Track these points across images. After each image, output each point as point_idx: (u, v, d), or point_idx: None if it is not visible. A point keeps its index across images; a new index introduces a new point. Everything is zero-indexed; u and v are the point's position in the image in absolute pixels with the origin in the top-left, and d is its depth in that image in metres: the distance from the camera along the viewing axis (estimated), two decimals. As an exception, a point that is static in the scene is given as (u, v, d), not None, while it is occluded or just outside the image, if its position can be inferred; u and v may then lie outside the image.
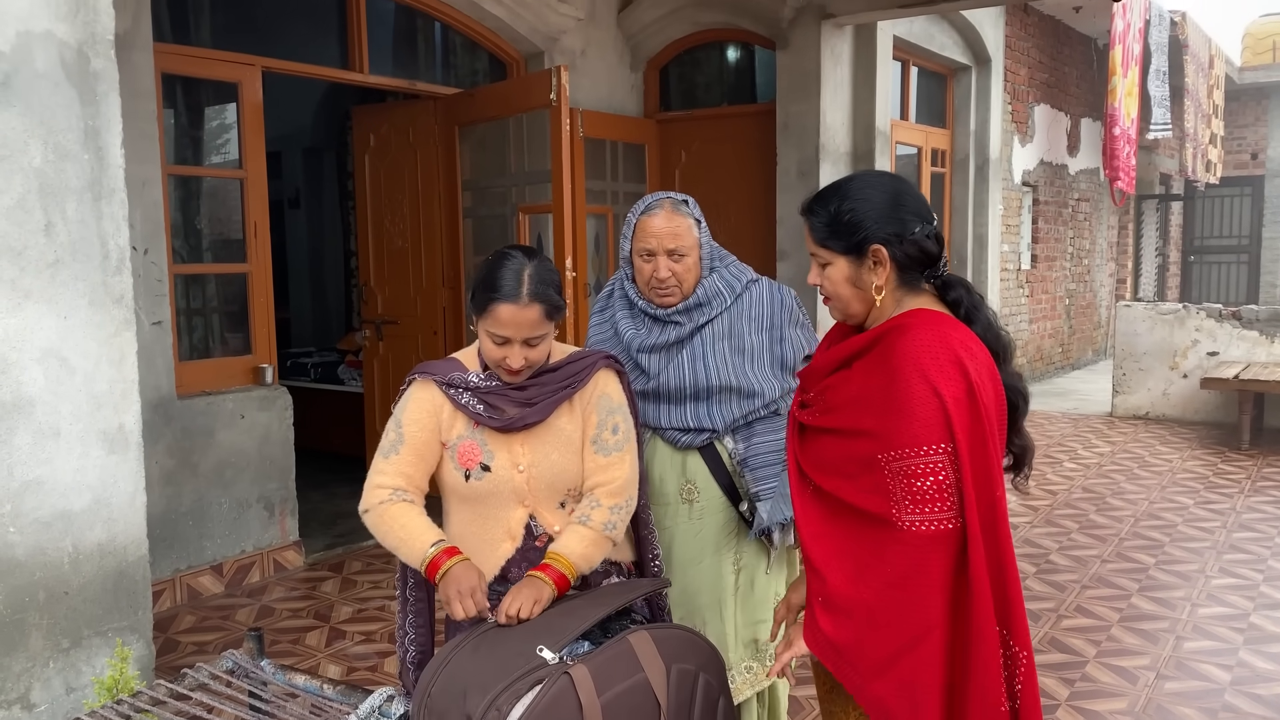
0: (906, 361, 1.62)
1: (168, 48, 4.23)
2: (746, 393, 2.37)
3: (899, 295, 1.73)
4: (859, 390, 1.70)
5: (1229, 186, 15.53)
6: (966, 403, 1.61)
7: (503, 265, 1.99)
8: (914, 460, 1.60)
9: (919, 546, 1.60)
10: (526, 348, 1.98)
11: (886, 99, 6.37)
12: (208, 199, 4.85)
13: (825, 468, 1.74)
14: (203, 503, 4.35)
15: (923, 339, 1.64)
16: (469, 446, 2.03)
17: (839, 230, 1.73)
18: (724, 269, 2.46)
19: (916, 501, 1.60)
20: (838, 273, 1.75)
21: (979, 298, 1.77)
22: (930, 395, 1.60)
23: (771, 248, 6.11)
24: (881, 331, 1.70)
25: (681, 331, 2.38)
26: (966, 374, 1.62)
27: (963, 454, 1.59)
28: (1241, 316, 7.98)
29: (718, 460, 2.41)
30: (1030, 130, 9.26)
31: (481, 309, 1.98)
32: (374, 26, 5.11)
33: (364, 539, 5.18)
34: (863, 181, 1.77)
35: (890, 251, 1.70)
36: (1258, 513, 5.54)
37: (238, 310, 4.76)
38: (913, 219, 1.71)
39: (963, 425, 1.60)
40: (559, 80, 4.72)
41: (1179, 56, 10.36)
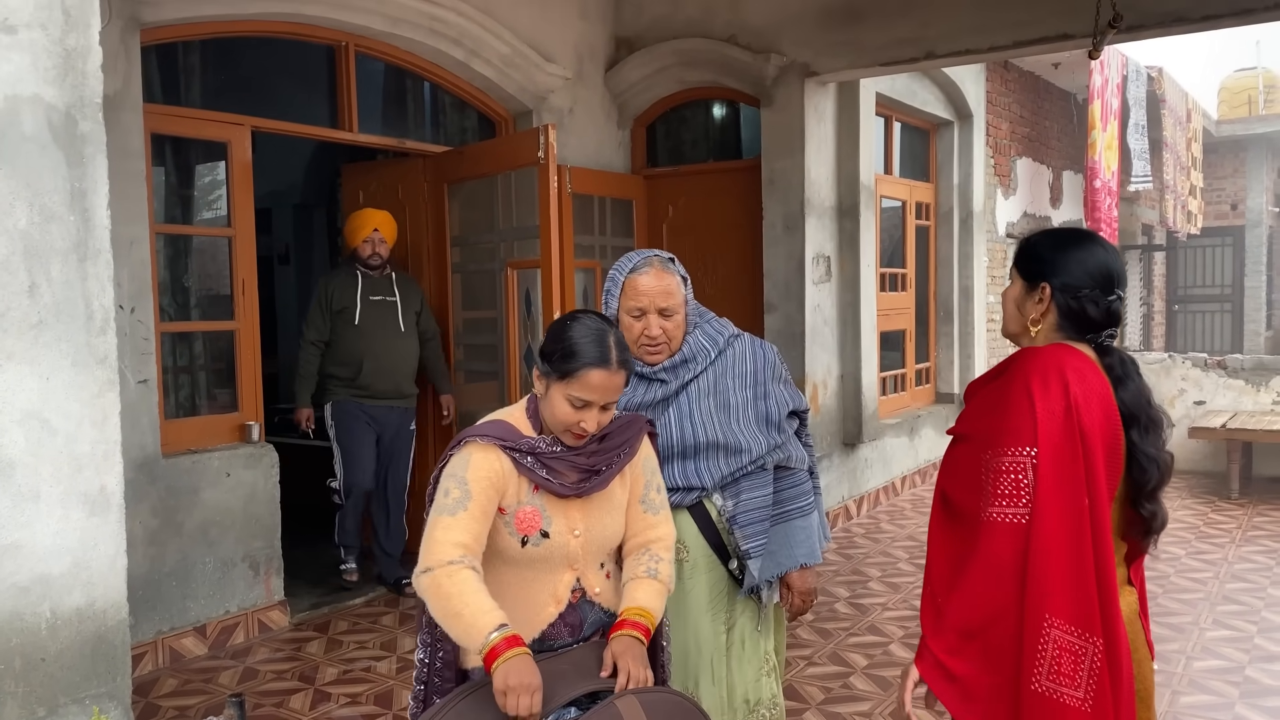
0: (1019, 373, 1.82)
1: (158, 108, 4.27)
2: (733, 449, 2.37)
3: (1055, 339, 1.90)
4: (983, 400, 1.91)
5: (1210, 236, 15.71)
6: (1061, 417, 1.75)
7: (587, 330, 1.98)
8: (1001, 458, 1.78)
9: (995, 536, 1.76)
10: (602, 413, 1.99)
11: (870, 154, 6.45)
12: (196, 256, 4.86)
13: (957, 476, 1.92)
14: (186, 563, 4.30)
15: (1040, 357, 1.83)
16: (530, 513, 2.00)
17: (1023, 254, 1.96)
18: (705, 325, 2.47)
19: (997, 496, 1.77)
20: (1012, 290, 1.97)
21: (1135, 368, 1.90)
22: (1026, 403, 1.77)
23: (759, 300, 6.14)
24: (1018, 354, 1.91)
25: (668, 390, 2.39)
26: (1069, 394, 1.77)
27: (1043, 460, 1.74)
28: (1227, 366, 8.03)
29: (706, 518, 2.40)
30: (1013, 183, 9.38)
31: (568, 373, 1.95)
32: (363, 86, 5.17)
33: (350, 597, 5.12)
34: (1069, 231, 1.96)
35: (1054, 294, 1.88)
36: (1249, 563, 5.53)
37: (225, 367, 4.74)
38: (1088, 280, 1.87)
39: (1048, 436, 1.74)
40: (546, 139, 4.77)
41: (1157, 111, 10.55)
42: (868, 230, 6.44)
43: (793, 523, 2.45)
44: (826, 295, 6.22)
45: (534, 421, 2.06)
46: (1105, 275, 1.87)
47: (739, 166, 6.30)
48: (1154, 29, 4.77)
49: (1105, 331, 1.88)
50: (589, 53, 6.20)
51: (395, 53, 5.23)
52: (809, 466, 2.52)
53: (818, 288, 6.10)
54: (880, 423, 6.95)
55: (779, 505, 2.44)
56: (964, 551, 1.81)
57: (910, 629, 4.58)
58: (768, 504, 2.41)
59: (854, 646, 4.38)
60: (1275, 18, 4.67)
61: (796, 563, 2.44)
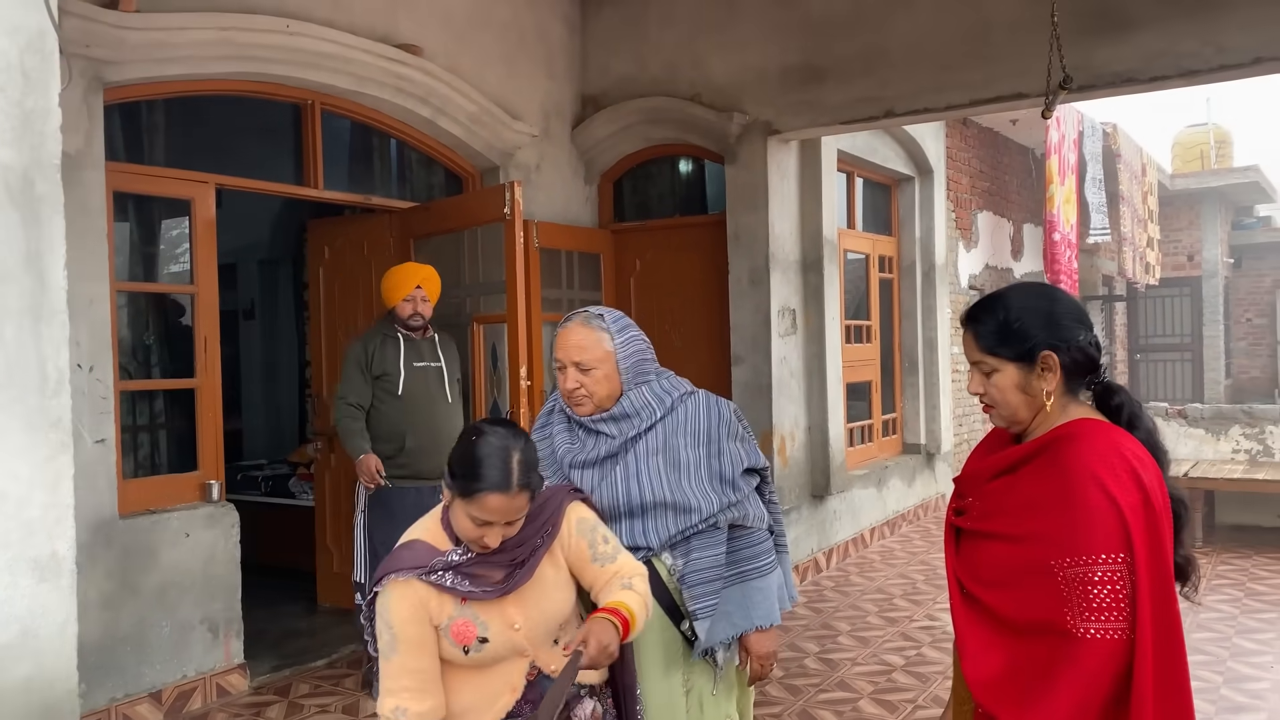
0: (1081, 468, 1.64)
1: (120, 166, 4.26)
2: (682, 508, 2.34)
3: (1064, 401, 1.77)
4: (1029, 495, 1.70)
5: (1169, 287, 16.03)
6: (1143, 512, 1.62)
7: (491, 449, 1.94)
8: (1092, 568, 1.60)
9: (1097, 655, 1.60)
10: (507, 527, 1.97)
11: (833, 209, 6.55)
12: (158, 313, 4.82)
13: (987, 578, 1.74)
14: (143, 626, 4.19)
15: (1098, 446, 1.67)
16: (462, 625, 1.98)
17: (1010, 337, 1.76)
18: (657, 382, 2.46)
19: (1094, 610, 1.60)
20: (1006, 380, 1.77)
21: (1139, 404, 1.81)
22: (1107, 503, 1.61)
23: (726, 353, 6.17)
24: (1050, 439, 1.72)
25: (613, 445, 2.38)
26: (1141, 483, 1.63)
27: (1140, 564, 1.59)
28: (1187, 415, 8.14)
29: (656, 578, 2.34)
30: (974, 236, 9.54)
31: (466, 494, 1.93)
32: (329, 143, 5.19)
33: (312, 659, 5.02)
34: (1025, 290, 1.82)
35: (1060, 358, 1.74)
36: (1215, 612, 5.56)
37: (186, 426, 4.68)
38: (1078, 326, 1.77)
39: (1140, 535, 1.60)
40: (513, 195, 4.81)
41: (1113, 165, 10.81)
42: (832, 283, 6.52)
43: (750, 583, 2.41)
44: (793, 348, 6.27)
45: (449, 531, 2.04)
46: (1083, 313, 1.81)
47: (705, 221, 6.37)
48: (1104, 89, 4.91)
49: (1102, 368, 1.80)
50: (556, 110, 6.27)
51: (362, 111, 5.27)
52: (770, 525, 2.48)
53: (784, 340, 6.14)
54: (848, 474, 6.96)
55: (735, 565, 2.40)
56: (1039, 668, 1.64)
57: (879, 684, 4.55)
58: (720, 563, 2.37)
59: (823, 703, 4.34)
60: (1220, 79, 4.82)
61: (752, 624, 2.39)
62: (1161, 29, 4.71)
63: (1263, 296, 19.22)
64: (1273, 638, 5.07)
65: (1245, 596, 5.86)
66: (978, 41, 5.17)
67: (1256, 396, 17.56)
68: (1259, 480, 7.09)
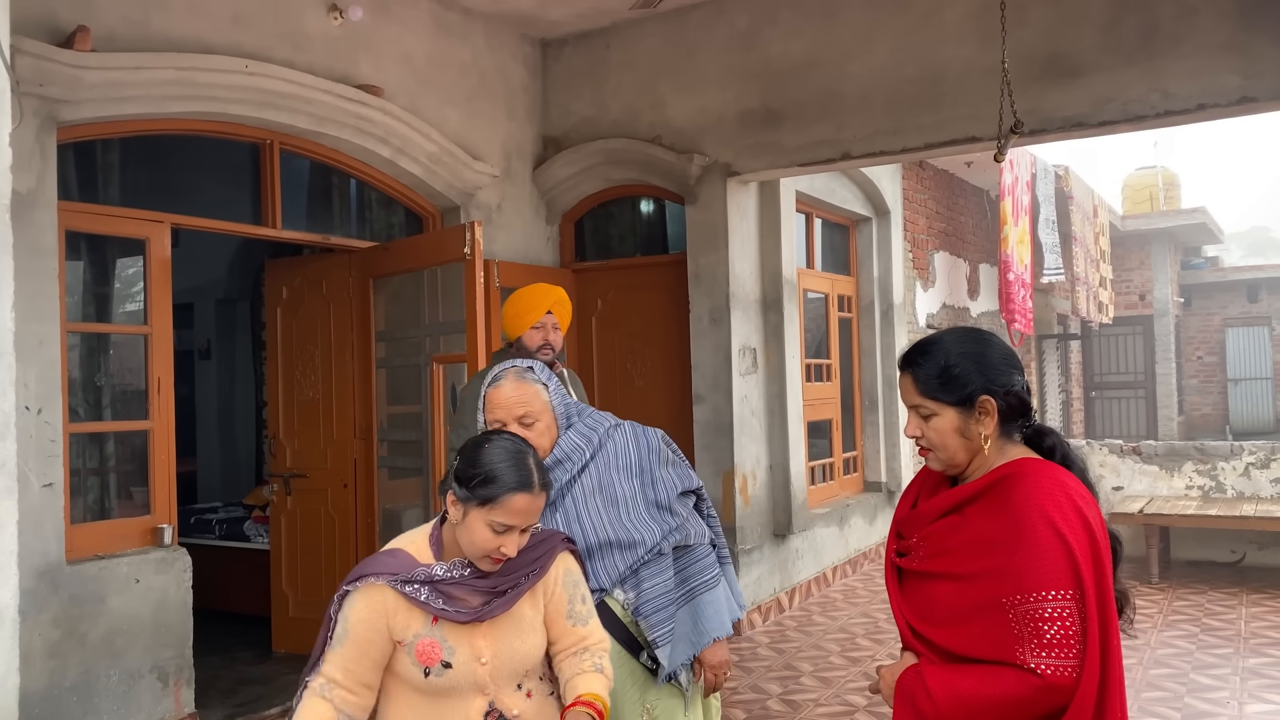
0: (1031, 506, 1.68)
1: (74, 206, 4.21)
2: (627, 544, 2.38)
3: (1000, 444, 1.81)
4: (978, 533, 1.73)
5: (1122, 325, 16.35)
6: (1090, 550, 1.66)
7: (505, 453, 1.96)
8: (1042, 604, 1.63)
9: (1046, 691, 1.63)
10: (522, 535, 1.97)
11: (792, 249, 6.62)
12: (112, 355, 4.74)
13: (938, 618, 1.77)
14: (90, 675, 4.07)
15: (1044, 484, 1.70)
16: (428, 645, 1.95)
17: (950, 383, 1.80)
18: (581, 422, 2.50)
19: (1045, 646, 1.63)
20: (945, 424, 1.81)
21: (1069, 445, 1.86)
22: (1057, 540, 1.64)
23: (687, 392, 6.18)
24: (997, 477, 1.76)
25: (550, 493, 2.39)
26: (1086, 520, 1.68)
27: (1089, 602, 1.63)
28: (1142, 452, 8.26)
29: (611, 616, 2.38)
30: (931, 276, 9.67)
31: (489, 500, 1.91)
32: (288, 183, 5.17)
33: (265, 707, 4.90)
34: (962, 336, 1.86)
35: (996, 403, 1.78)
36: (1171, 648, 5.60)
37: (137, 469, 4.59)
38: (1012, 371, 1.81)
39: (1089, 573, 1.64)
40: (473, 235, 4.81)
41: (1065, 206, 11.05)
42: (792, 322, 6.57)
43: (699, 599, 2.47)
44: (753, 386, 6.29)
45: (435, 548, 2.03)
46: (1015, 358, 1.86)
47: (665, 261, 6.40)
48: (1054, 133, 5.03)
49: (1033, 412, 1.85)
50: (517, 151, 6.30)
51: (321, 150, 5.25)
52: (710, 539, 2.55)
53: (744, 379, 6.17)
54: (810, 512, 6.97)
55: (684, 584, 2.46)
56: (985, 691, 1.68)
57: (842, 725, 4.53)
58: (670, 588, 2.42)
59: (786, 745, 4.31)
60: (1165, 124, 4.96)
61: (708, 639, 2.44)
62: (1109, 76, 4.84)
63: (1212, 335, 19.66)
64: (1228, 673, 5.12)
65: (1201, 632, 5.92)
66: (931, 87, 5.29)
67: (1208, 433, 17.90)
68: (1212, 516, 7.20)
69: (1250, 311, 19.43)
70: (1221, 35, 4.60)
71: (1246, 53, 4.55)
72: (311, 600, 5.69)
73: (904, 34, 5.38)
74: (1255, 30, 4.53)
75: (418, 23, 5.60)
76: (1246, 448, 7.98)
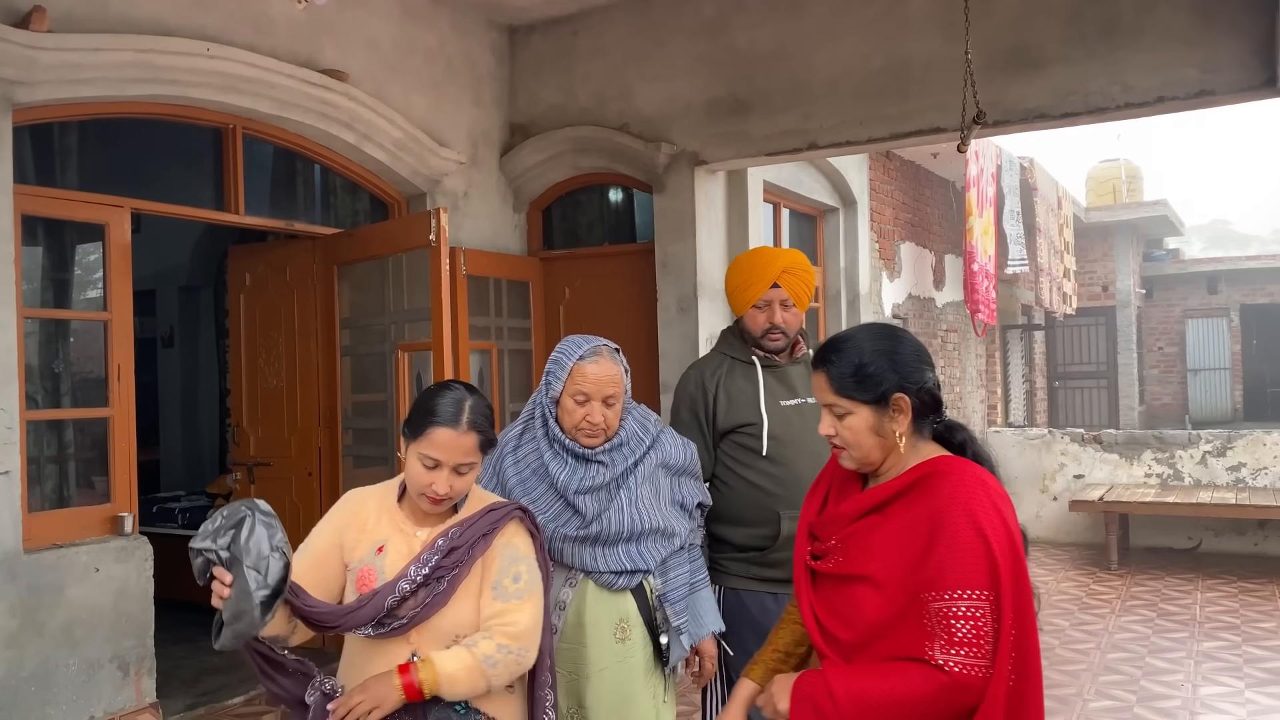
0: (955, 505, 1.67)
1: (31, 189, 4.14)
2: (669, 533, 2.53)
3: (914, 441, 1.80)
4: (899, 532, 1.71)
5: (1085, 316, 16.55)
6: (1009, 550, 1.65)
7: (444, 393, 2.07)
8: (957, 603, 1.62)
9: (952, 689, 1.62)
10: (454, 475, 2.02)
11: (759, 239, 6.63)
12: (72, 342, 4.67)
13: (855, 619, 1.74)
14: (48, 665, 4.03)
15: (967, 482, 1.70)
16: (367, 572, 2.03)
17: (864, 381, 1.77)
18: (635, 412, 2.62)
19: (955, 644, 1.62)
20: (860, 422, 1.78)
21: (980, 441, 1.86)
22: (978, 540, 1.63)
23: (655, 381, 6.19)
24: (918, 475, 1.74)
25: (614, 472, 2.48)
26: (1006, 520, 1.67)
27: (1005, 602, 1.62)
28: (1102, 440, 8.39)
29: (644, 598, 2.53)
30: (897, 266, 9.75)
31: (418, 432, 2.03)
32: (251, 168, 5.11)
33: (229, 697, 4.87)
34: (875, 333, 1.83)
35: (910, 400, 1.77)
36: (1128, 632, 5.71)
37: (97, 456, 4.53)
38: (924, 368, 1.81)
39: (1007, 573, 1.63)
40: (438, 222, 4.78)
41: (1030, 198, 11.16)
42: (759, 312, 6.58)
43: (700, 594, 2.62)
44: (720, 376, 6.31)
45: (400, 490, 2.18)
46: (926, 355, 1.85)
47: (634, 250, 6.40)
48: (1017, 124, 5.08)
49: (944, 408, 1.85)
50: (484, 138, 6.27)
51: (284, 135, 5.20)
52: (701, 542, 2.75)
53: (711, 368, 6.18)
54: (776, 501, 7.01)
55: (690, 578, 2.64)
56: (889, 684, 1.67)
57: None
58: (686, 580, 2.60)
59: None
60: (1126, 116, 5.02)
61: (708, 631, 2.59)
62: (1071, 68, 4.90)
63: (1173, 326, 19.97)
64: (1183, 656, 5.22)
65: (1158, 616, 6.03)
66: (897, 77, 5.32)
67: (1168, 422, 18.19)
68: (1170, 503, 7.33)
69: (1210, 303, 19.76)
70: (1180, 29, 4.67)
71: (1204, 46, 4.61)
72: (276, 589, 5.66)
73: (870, 24, 5.41)
74: (1213, 24, 4.60)
75: (383, 7, 5.55)
76: (1204, 436, 8.13)
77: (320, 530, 2.12)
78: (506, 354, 6.24)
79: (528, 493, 2.44)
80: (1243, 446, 7.93)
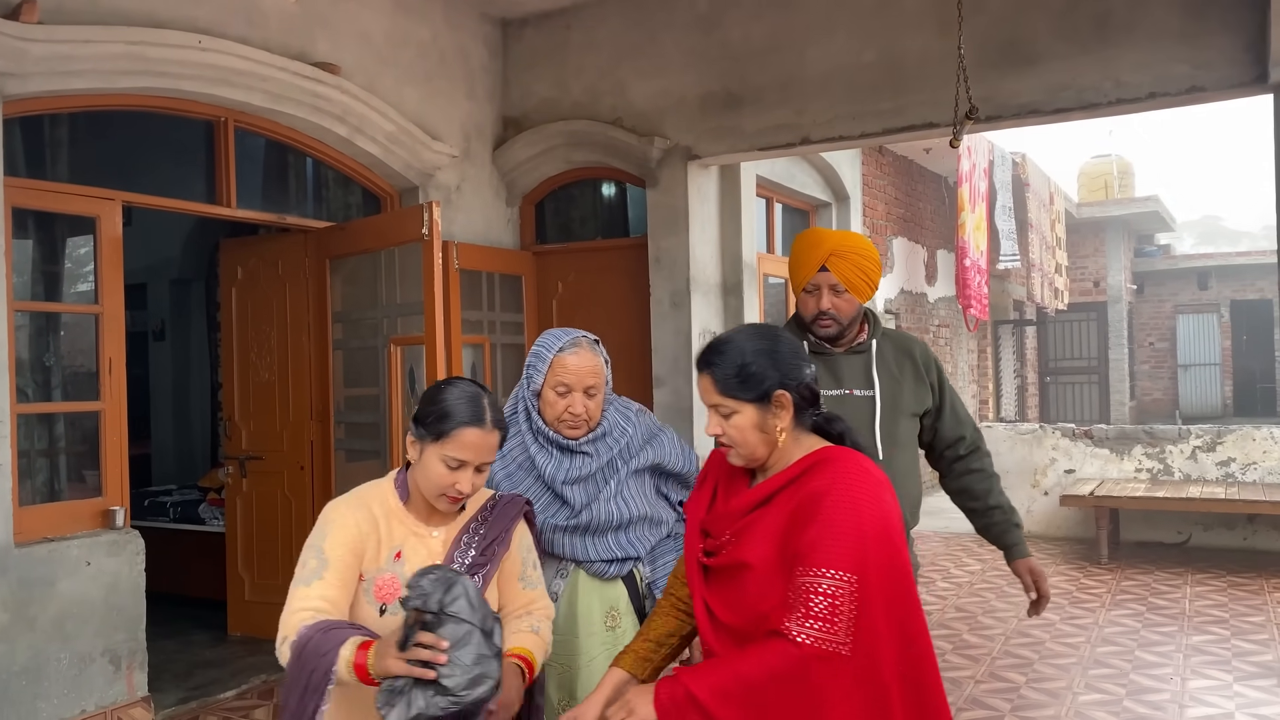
0: (834, 488, 1.73)
1: (21, 182, 4.12)
2: (657, 520, 2.55)
3: (796, 435, 1.86)
4: (782, 521, 1.77)
5: (1076, 312, 16.60)
6: (883, 536, 1.70)
7: (462, 392, 2.00)
8: (821, 579, 1.67)
9: (805, 661, 1.65)
10: (476, 474, 1.99)
11: (752, 234, 6.64)
12: (63, 335, 4.65)
13: (739, 604, 1.79)
14: (39, 659, 4.02)
15: (850, 469, 1.76)
16: (389, 580, 1.99)
17: (748, 381, 1.82)
18: (615, 402, 2.61)
19: (809, 616, 1.66)
20: (745, 420, 1.83)
21: (854, 431, 1.93)
22: (851, 525, 1.69)
23: (648, 375, 6.19)
24: (804, 466, 1.81)
25: (599, 461, 2.49)
26: (884, 507, 1.73)
27: (872, 587, 1.66)
28: (1093, 436, 8.42)
29: (635, 586, 2.53)
30: (890, 261, 9.76)
31: (441, 434, 1.96)
32: (242, 161, 5.09)
33: (221, 690, 4.87)
34: (754, 333, 1.89)
35: (791, 396, 1.83)
36: (1118, 626, 5.74)
37: (89, 450, 4.52)
38: (803, 364, 1.87)
39: (878, 558, 1.68)
40: (431, 215, 4.77)
41: (1022, 194, 11.18)
42: (751, 307, 6.60)
43: None
44: (713, 370, 6.31)
45: (400, 490, 2.08)
46: (804, 352, 1.91)
47: (626, 244, 6.40)
48: (1010, 120, 5.10)
49: (820, 402, 1.90)
50: (477, 131, 6.26)
51: (276, 129, 5.18)
52: None
53: (704, 363, 6.19)
54: (768, 495, 7.02)
55: None
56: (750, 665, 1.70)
57: None
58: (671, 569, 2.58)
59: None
60: (1118, 111, 5.04)
61: None
62: (1063, 64, 4.91)
63: (1164, 321, 20.05)
64: (1173, 650, 5.25)
65: (1147, 611, 6.06)
66: (890, 72, 5.32)
67: (1159, 417, 18.28)
68: (1159, 498, 7.36)
69: (1201, 298, 19.85)
70: (1172, 25, 4.68)
71: (1196, 42, 4.63)
72: (268, 583, 5.65)
73: (863, 19, 5.41)
74: (1204, 20, 4.61)
75: (376, 0, 5.53)
76: (1194, 431, 8.17)
77: (333, 552, 1.96)
78: (499, 348, 6.24)
79: (515, 486, 2.46)
80: (1232, 442, 7.96)
